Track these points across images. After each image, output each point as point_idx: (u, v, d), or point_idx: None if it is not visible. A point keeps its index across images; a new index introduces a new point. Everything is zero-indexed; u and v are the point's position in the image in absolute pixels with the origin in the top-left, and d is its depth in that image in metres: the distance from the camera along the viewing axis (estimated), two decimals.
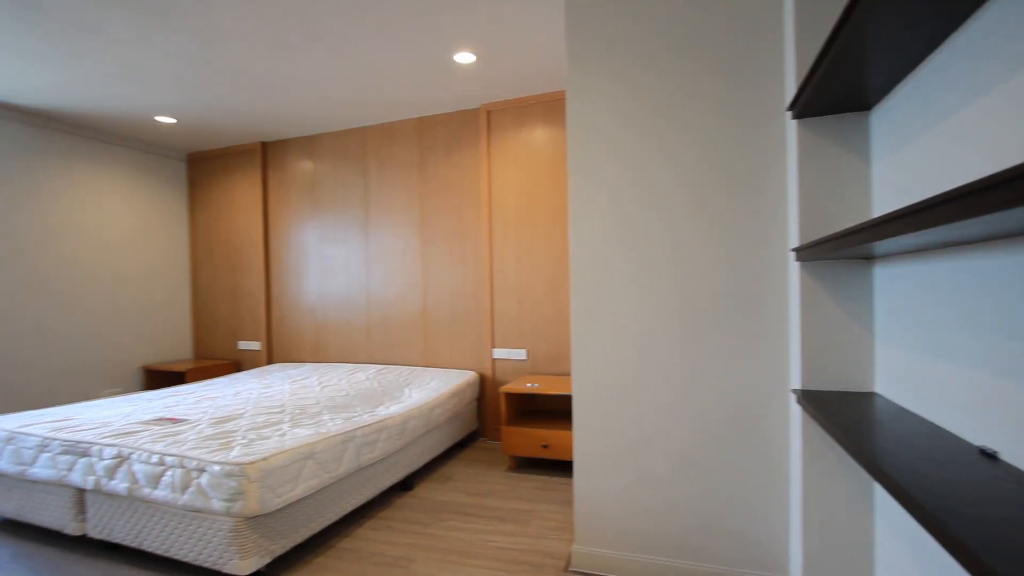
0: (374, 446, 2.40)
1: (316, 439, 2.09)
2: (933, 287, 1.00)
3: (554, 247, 3.42)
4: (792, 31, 1.47)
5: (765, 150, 1.68)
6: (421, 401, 2.88)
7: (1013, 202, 0.46)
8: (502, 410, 3.03)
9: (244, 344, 4.52)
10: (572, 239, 1.93)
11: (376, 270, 4.01)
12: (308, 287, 4.28)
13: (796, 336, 1.50)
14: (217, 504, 1.77)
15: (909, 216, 0.66)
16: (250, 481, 1.75)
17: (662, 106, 1.80)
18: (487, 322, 3.59)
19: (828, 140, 1.39)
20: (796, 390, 1.45)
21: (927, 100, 1.01)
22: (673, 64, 1.78)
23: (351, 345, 4.11)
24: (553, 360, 3.43)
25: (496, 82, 3.22)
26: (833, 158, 1.39)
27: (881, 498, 1.32)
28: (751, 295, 1.70)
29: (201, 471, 1.82)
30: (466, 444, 3.56)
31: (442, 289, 3.78)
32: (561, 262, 3.40)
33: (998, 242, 0.81)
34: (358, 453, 2.28)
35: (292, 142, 4.32)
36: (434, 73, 3.07)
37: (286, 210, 4.37)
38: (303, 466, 1.97)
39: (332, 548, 2.14)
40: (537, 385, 3.03)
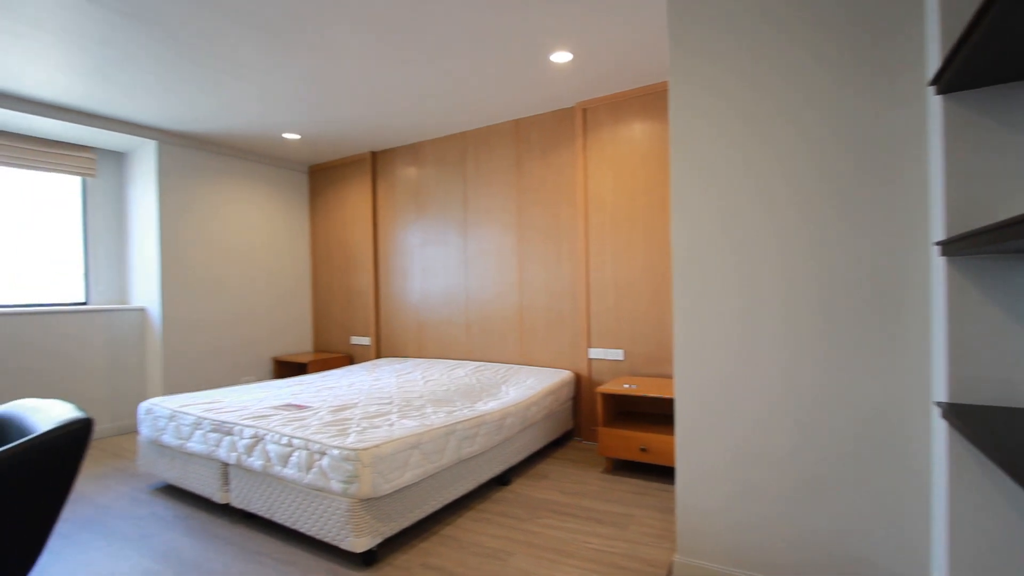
0: (474, 440, 2.48)
1: (421, 431, 2.21)
2: None
3: (654, 244, 3.31)
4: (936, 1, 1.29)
5: (899, 132, 1.49)
6: (518, 399, 2.93)
7: None
8: (598, 411, 2.99)
9: (356, 339, 4.89)
10: (675, 235, 1.85)
11: (474, 270, 4.15)
12: (412, 286, 4.53)
13: (941, 341, 1.32)
14: (335, 485, 1.94)
15: None
16: (364, 466, 1.89)
17: (774, 88, 1.67)
18: (583, 321, 3.56)
19: (983, 115, 1.20)
20: (941, 403, 1.28)
21: None
22: (788, 42, 1.65)
23: (451, 342, 4.29)
24: (652, 361, 3.33)
25: (592, 79, 3.19)
26: (988, 137, 1.20)
27: None
28: (882, 294, 1.53)
29: (322, 454, 2.00)
30: (561, 443, 3.57)
31: (538, 288, 3.82)
32: (661, 260, 3.29)
33: None
34: (459, 446, 2.37)
35: (398, 150, 4.60)
36: (530, 75, 3.11)
37: (392, 214, 4.66)
38: (410, 455, 2.09)
39: (435, 535, 2.25)
40: (635, 386, 2.95)
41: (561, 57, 2.87)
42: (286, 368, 4.93)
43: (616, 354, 3.45)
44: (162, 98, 3.37)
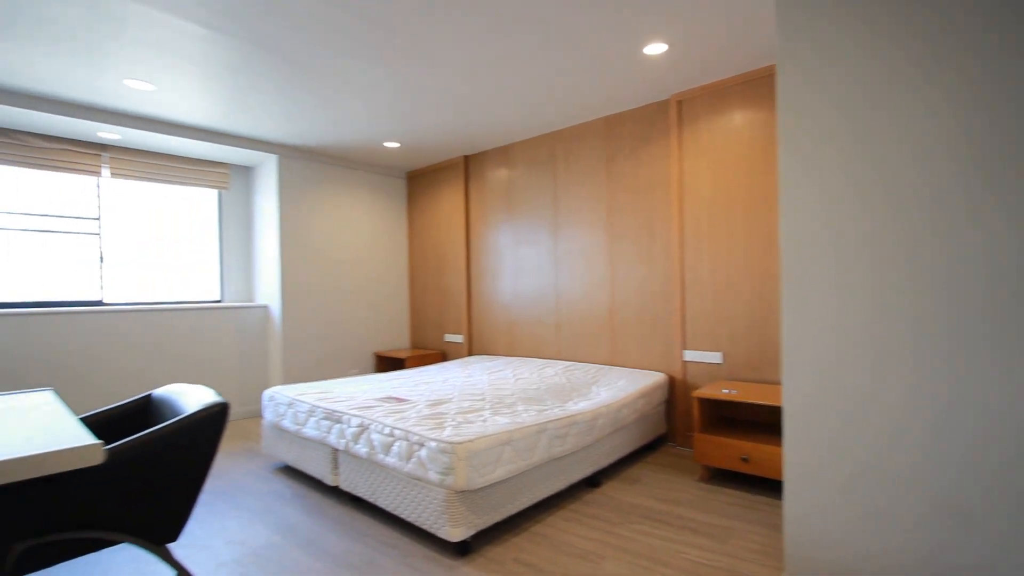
0: (564, 439, 2.48)
1: (513, 428, 2.25)
2: None
3: (756, 241, 3.10)
4: None
5: None
6: (609, 400, 2.89)
7: None
8: (695, 416, 2.86)
9: (449, 337, 5.09)
10: (783, 231, 1.73)
11: (564, 269, 4.14)
12: (503, 286, 4.62)
13: None
14: (433, 475, 2.03)
15: None
16: (459, 459, 1.97)
17: (900, 63, 1.49)
18: (677, 322, 3.42)
19: None
20: None
21: None
22: (921, 10, 1.46)
23: (541, 341, 4.32)
24: (754, 365, 3.12)
25: (687, 69, 3.06)
26: None
27: None
28: None
29: (421, 445, 2.10)
30: (654, 447, 3.46)
31: (629, 287, 3.73)
32: (765, 257, 3.07)
33: None
34: (550, 445, 2.39)
35: (489, 153, 4.72)
36: (623, 69, 3.04)
37: (484, 216, 4.78)
38: (502, 451, 2.14)
39: (526, 531, 2.28)
40: (735, 392, 2.78)
41: (655, 49, 2.78)
42: (386, 362, 5.25)
43: (713, 357, 3.27)
44: (282, 117, 3.73)
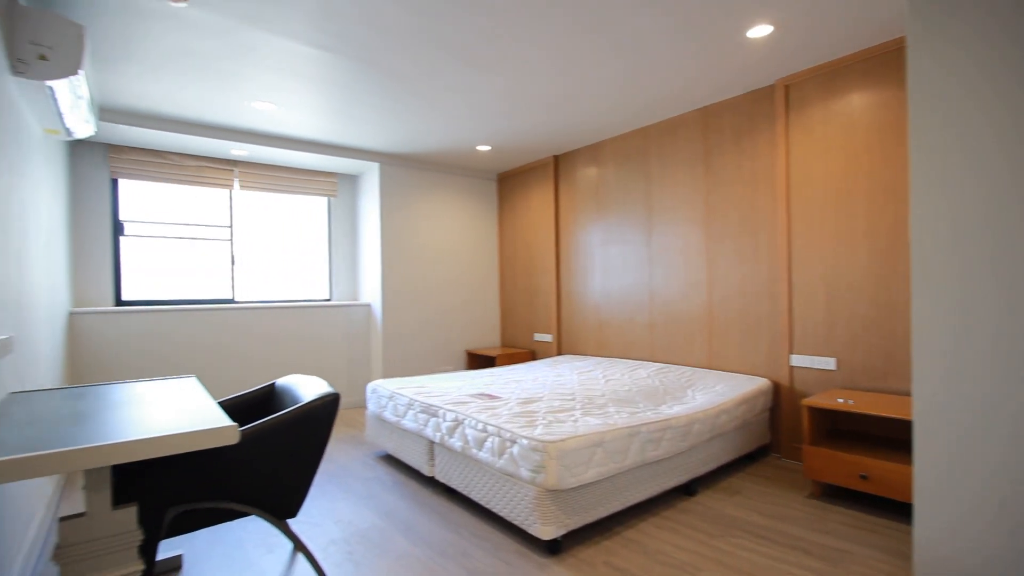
0: (658, 444, 2.40)
1: (605, 429, 2.22)
2: None
3: (879, 236, 2.80)
4: None
5: None
6: (706, 405, 2.75)
7: None
8: (804, 426, 2.64)
9: (538, 336, 5.13)
10: (915, 225, 1.54)
11: (658, 268, 4.01)
12: (592, 286, 4.57)
13: None
14: (524, 472, 2.06)
15: None
16: (550, 458, 1.98)
17: None
18: (783, 324, 3.18)
19: None
20: None
21: None
22: None
23: (632, 342, 4.22)
24: (874, 373, 2.81)
25: (795, 51, 2.83)
26: None
27: None
28: None
29: (513, 442, 2.14)
30: (755, 458, 3.24)
31: (729, 287, 3.53)
32: (891, 254, 2.76)
33: None
34: (643, 449, 2.32)
35: (579, 152, 4.69)
36: (723, 56, 2.88)
37: (574, 215, 4.76)
38: (593, 452, 2.12)
39: (618, 535, 2.24)
40: (852, 402, 2.53)
41: (760, 32, 2.60)
42: (477, 360, 5.40)
43: (826, 363, 3.00)
44: (383, 127, 3.97)
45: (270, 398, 2.10)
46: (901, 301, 2.72)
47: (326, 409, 1.61)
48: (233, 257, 4.54)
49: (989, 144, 1.39)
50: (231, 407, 2.03)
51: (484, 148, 4.62)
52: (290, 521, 2.44)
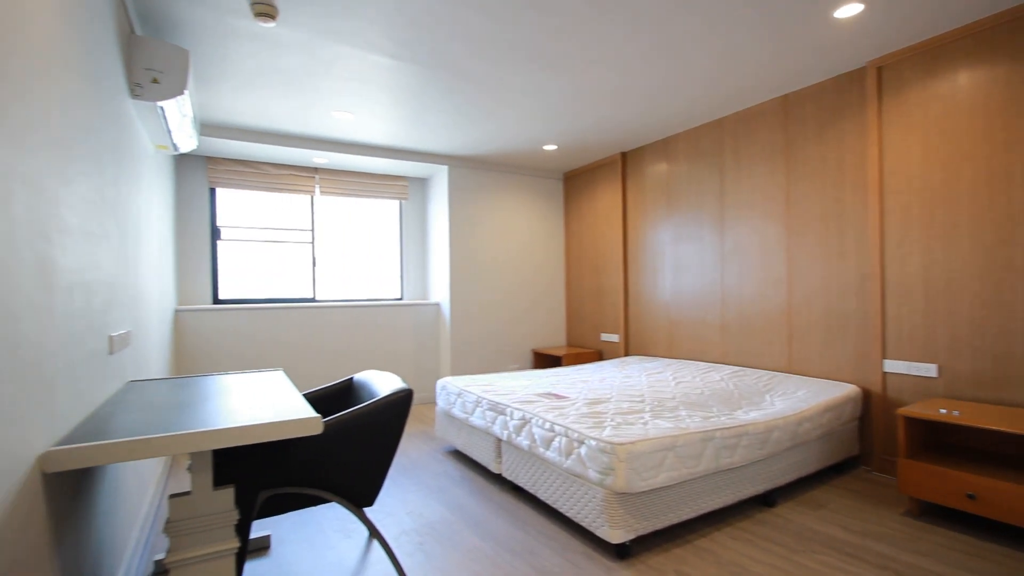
0: (733, 451, 2.30)
1: (676, 433, 2.15)
2: None
3: (989, 228, 2.51)
4: None
5: None
6: (787, 411, 2.60)
7: None
8: (900, 438, 2.43)
9: (605, 336, 5.06)
10: None
11: (731, 267, 3.83)
12: (662, 285, 4.44)
13: None
14: (592, 474, 2.05)
15: None
16: (619, 460, 1.95)
17: None
18: (875, 326, 2.93)
19: None
20: None
21: None
22: None
23: (704, 343, 4.06)
24: (984, 382, 2.53)
25: (890, 30, 2.60)
26: None
27: None
28: None
29: (581, 443, 2.13)
30: (842, 470, 3.01)
31: (812, 285, 3.31)
32: (1005, 248, 2.47)
33: None
34: (717, 455, 2.23)
35: (648, 148, 4.57)
36: (806, 40, 2.71)
37: (642, 213, 4.65)
38: (664, 456, 2.06)
39: (689, 544, 2.16)
40: (958, 413, 2.29)
41: (849, 11, 2.42)
42: (543, 359, 5.41)
43: (925, 369, 2.74)
44: (453, 130, 4.08)
45: (348, 392, 2.22)
46: (1018, 301, 2.43)
47: (400, 404, 1.68)
48: (314, 259, 4.83)
49: None
50: (313, 399, 2.17)
51: (550, 147, 4.62)
52: (366, 510, 2.57)
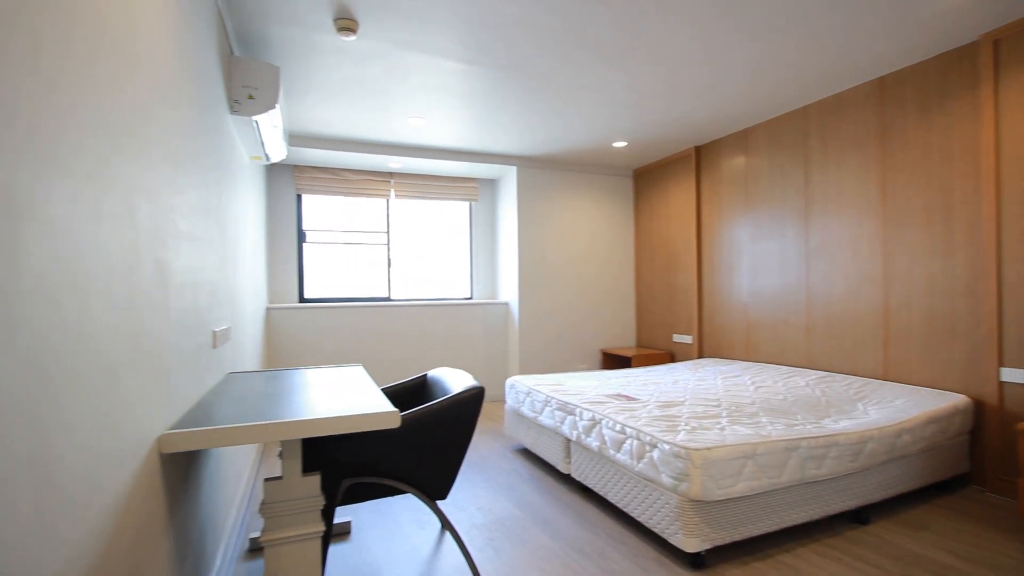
0: (820, 462, 2.15)
1: (757, 440, 2.04)
2: None
3: None
4: None
5: None
6: (883, 421, 2.39)
7: None
8: (1020, 456, 2.16)
9: (678, 337, 4.89)
10: None
11: (817, 264, 3.58)
12: (739, 284, 4.23)
13: None
14: (666, 479, 1.99)
15: None
16: (695, 466, 1.88)
17: None
18: (989, 330, 2.63)
19: None
20: None
21: None
22: None
23: (786, 346, 3.82)
24: None
25: None
26: None
27: None
28: None
29: (653, 446, 2.08)
30: (949, 488, 2.73)
31: (912, 285, 3.02)
32: None
33: None
34: (802, 465, 2.10)
35: (724, 141, 4.37)
36: (906, 15, 2.47)
37: (718, 209, 4.45)
38: (744, 465, 1.97)
39: (771, 558, 2.05)
40: None
41: None
42: (612, 360, 5.32)
43: None
44: (521, 131, 4.11)
45: (423, 388, 2.30)
46: None
47: (473, 401, 1.72)
48: (389, 259, 5.05)
49: None
50: (391, 394, 2.27)
51: (620, 144, 4.54)
52: (439, 503, 2.65)
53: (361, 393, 1.53)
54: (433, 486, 1.80)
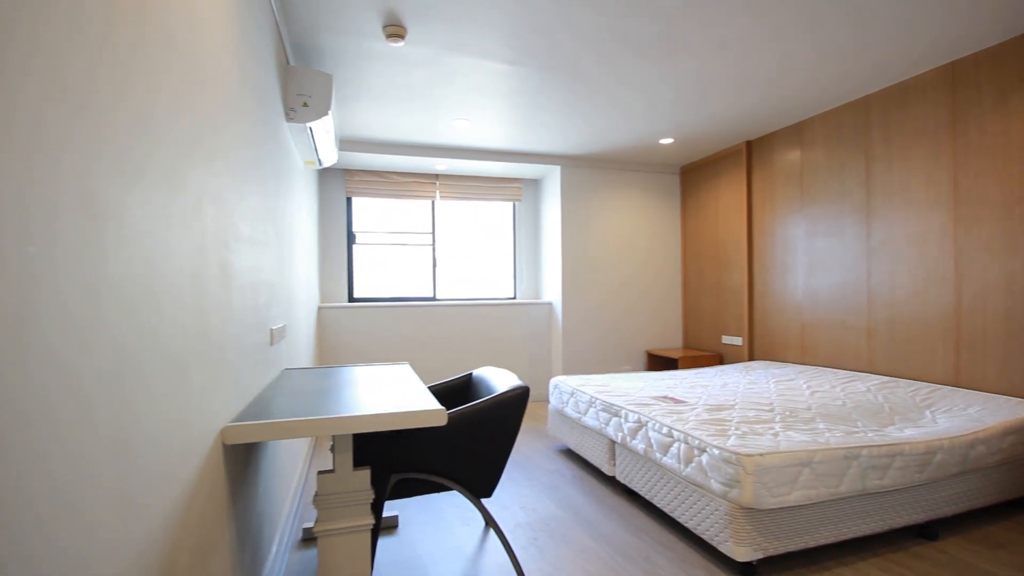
0: (883, 472, 2.03)
1: (814, 448, 1.95)
2: None
3: None
4: None
5: None
6: (954, 431, 2.24)
7: None
8: None
9: (727, 339, 4.73)
10: None
11: (880, 263, 3.38)
12: (793, 284, 4.06)
13: None
14: (715, 485, 1.93)
15: None
16: (746, 472, 1.82)
17: None
18: None
19: None
20: None
21: None
22: None
23: (844, 349, 3.63)
24: None
25: None
26: None
27: None
28: None
29: (702, 451, 2.03)
30: None
31: (988, 284, 2.80)
32: None
33: None
34: (863, 475, 1.99)
35: (777, 134, 4.20)
36: None
37: (770, 205, 4.28)
38: (799, 472, 1.89)
39: (828, 571, 1.95)
40: None
41: None
42: (657, 362, 5.21)
43: None
44: (565, 130, 4.09)
45: (468, 387, 2.33)
46: None
47: (518, 400, 1.73)
48: (434, 260, 5.14)
49: None
50: (437, 392, 2.31)
51: (666, 141, 4.44)
52: (484, 501, 2.67)
53: (409, 391, 1.57)
54: (478, 484, 1.82)
